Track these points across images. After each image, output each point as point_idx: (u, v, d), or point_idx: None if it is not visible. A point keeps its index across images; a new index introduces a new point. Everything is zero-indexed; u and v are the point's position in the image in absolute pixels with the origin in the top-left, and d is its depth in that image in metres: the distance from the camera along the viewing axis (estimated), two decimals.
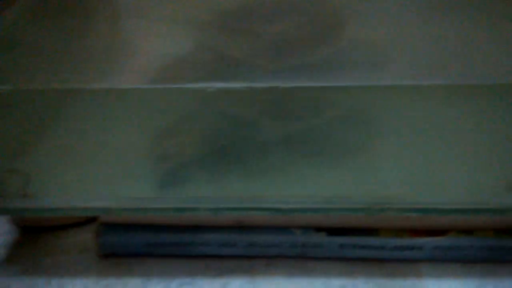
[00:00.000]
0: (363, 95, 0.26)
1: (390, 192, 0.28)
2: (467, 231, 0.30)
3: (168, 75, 0.24)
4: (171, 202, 0.28)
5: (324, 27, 0.31)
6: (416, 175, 0.28)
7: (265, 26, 0.30)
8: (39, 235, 0.33)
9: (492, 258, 0.30)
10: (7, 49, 0.24)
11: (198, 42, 0.29)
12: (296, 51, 0.29)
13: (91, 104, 0.25)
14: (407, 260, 0.30)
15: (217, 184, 0.28)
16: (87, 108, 0.25)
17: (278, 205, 0.28)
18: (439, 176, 0.28)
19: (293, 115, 0.26)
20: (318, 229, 0.30)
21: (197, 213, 0.28)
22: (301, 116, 0.26)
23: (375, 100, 0.26)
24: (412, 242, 0.30)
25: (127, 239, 0.31)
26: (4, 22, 0.25)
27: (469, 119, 0.27)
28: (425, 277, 0.30)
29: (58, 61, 0.25)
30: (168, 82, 0.24)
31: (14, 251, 0.32)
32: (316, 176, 0.28)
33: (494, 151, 0.27)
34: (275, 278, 0.30)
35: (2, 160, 0.26)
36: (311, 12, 0.32)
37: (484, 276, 0.29)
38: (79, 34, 0.26)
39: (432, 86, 0.25)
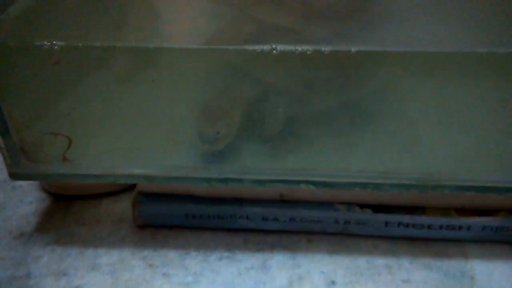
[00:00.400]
0: (414, 62, 0.25)
1: (443, 169, 0.27)
2: None
3: (224, 37, 0.23)
4: (215, 172, 0.27)
5: None
6: (470, 151, 0.27)
7: None
8: (71, 203, 0.32)
9: None
10: (59, 7, 0.23)
11: (242, 13, 0.28)
12: (339, 18, 0.27)
13: (142, 64, 0.23)
14: (454, 240, 0.29)
15: (265, 154, 0.27)
16: (137, 67, 0.24)
17: (326, 179, 0.27)
18: (492, 152, 0.27)
19: (348, 83, 0.25)
20: (363, 205, 0.29)
21: (241, 185, 0.27)
22: (355, 85, 0.25)
23: (430, 69, 0.25)
24: (460, 222, 0.29)
25: (165, 209, 0.30)
26: None
27: None
28: (472, 258, 0.29)
29: (108, 20, 0.23)
30: (225, 43, 0.22)
31: (46, 219, 0.31)
32: (366, 150, 0.27)
33: None
34: (317, 255, 0.29)
35: (44, 121, 0.25)
36: None
37: None
38: None
39: (487, 53, 0.24)
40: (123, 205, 0.32)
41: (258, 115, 0.26)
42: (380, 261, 0.28)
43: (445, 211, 0.29)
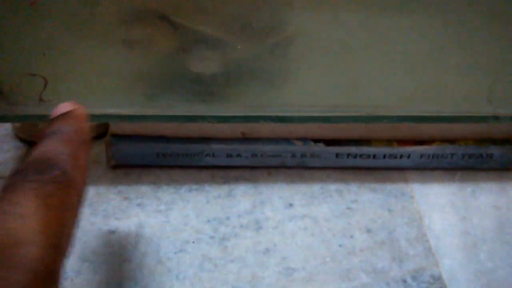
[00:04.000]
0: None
1: (385, 101, 0.30)
2: (451, 141, 0.33)
3: None
4: (180, 110, 0.30)
5: None
6: (406, 86, 0.30)
7: None
8: None
9: (472, 165, 0.33)
10: None
11: None
12: None
13: (112, 7, 0.26)
14: (396, 168, 0.33)
15: (223, 94, 0.30)
16: (109, 12, 0.26)
17: (282, 113, 0.30)
18: (427, 87, 0.30)
19: (293, 22, 0.28)
20: (316, 140, 0.33)
21: (204, 122, 0.30)
22: (299, 23, 0.28)
23: (365, 8, 0.28)
24: (400, 151, 0.33)
25: (137, 149, 0.32)
26: None
27: (454, 32, 0.29)
28: (411, 182, 0.33)
29: None
30: None
31: None
32: (315, 86, 0.30)
33: (477, 63, 0.30)
34: (277, 184, 0.32)
35: (22, 63, 0.27)
36: None
37: (464, 181, 0.33)
38: None
39: None
40: (97, 149, 0.34)
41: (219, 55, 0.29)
42: (332, 187, 0.32)
43: (388, 142, 0.33)
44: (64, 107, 0.20)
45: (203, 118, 0.30)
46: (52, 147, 0.18)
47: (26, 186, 0.16)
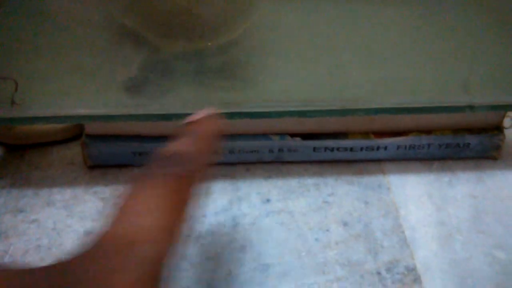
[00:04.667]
0: None
1: (359, 95, 0.30)
2: (427, 131, 0.33)
3: None
4: (155, 108, 0.30)
5: None
6: (381, 77, 0.30)
7: None
8: (24, 152, 0.34)
9: (449, 155, 0.33)
10: None
11: None
12: None
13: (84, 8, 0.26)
14: (373, 160, 0.33)
15: (199, 91, 0.30)
16: (79, 12, 0.26)
17: (257, 109, 0.30)
18: (403, 78, 0.30)
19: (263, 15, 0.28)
20: (293, 135, 0.33)
21: (179, 119, 0.30)
22: (271, 17, 0.28)
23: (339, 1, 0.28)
24: (377, 143, 0.33)
25: (113, 149, 0.32)
26: None
27: (429, 23, 0.29)
28: (388, 174, 0.33)
29: None
30: None
31: (1, 167, 0.33)
32: (290, 81, 0.30)
33: (452, 54, 0.30)
34: (254, 180, 0.32)
35: None
36: None
37: (441, 171, 0.33)
38: None
39: None
40: (74, 151, 0.34)
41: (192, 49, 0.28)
42: (309, 181, 0.32)
43: (364, 134, 0.33)
44: (199, 114, 0.21)
45: (177, 116, 0.30)
46: (180, 146, 0.19)
47: (155, 180, 0.16)
